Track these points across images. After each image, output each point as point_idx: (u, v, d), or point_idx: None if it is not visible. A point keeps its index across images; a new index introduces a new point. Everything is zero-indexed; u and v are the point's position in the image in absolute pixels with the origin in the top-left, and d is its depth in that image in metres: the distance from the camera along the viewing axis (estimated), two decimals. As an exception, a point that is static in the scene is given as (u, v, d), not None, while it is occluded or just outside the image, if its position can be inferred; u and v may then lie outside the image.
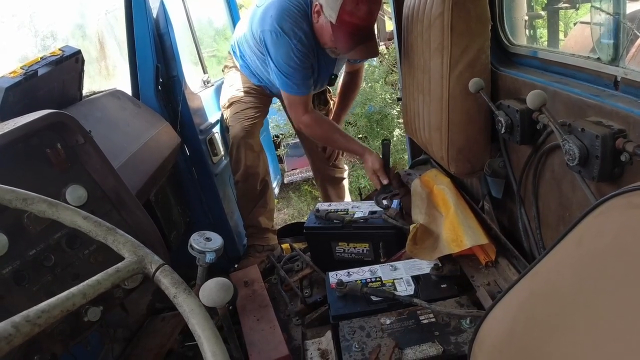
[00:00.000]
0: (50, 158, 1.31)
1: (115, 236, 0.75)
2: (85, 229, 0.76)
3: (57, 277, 1.24)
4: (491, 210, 1.81)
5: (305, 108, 2.32)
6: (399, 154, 4.54)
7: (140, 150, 1.87)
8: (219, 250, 1.47)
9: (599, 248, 0.69)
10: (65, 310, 0.63)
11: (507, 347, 0.83)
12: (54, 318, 0.62)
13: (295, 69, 2.16)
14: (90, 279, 0.66)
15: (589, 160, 1.09)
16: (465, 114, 1.62)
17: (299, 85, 2.24)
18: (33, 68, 1.59)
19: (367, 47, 2.07)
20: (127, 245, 0.74)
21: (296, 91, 2.26)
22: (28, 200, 0.76)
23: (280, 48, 2.13)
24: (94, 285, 0.65)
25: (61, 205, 0.78)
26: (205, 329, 0.63)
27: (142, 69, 2.28)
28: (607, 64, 1.18)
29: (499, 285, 1.58)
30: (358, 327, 1.47)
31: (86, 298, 0.64)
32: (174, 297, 0.68)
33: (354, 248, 2.12)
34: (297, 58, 2.14)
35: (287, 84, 2.23)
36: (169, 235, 2.15)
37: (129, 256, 0.72)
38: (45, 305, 0.61)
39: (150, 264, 0.72)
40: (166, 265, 0.72)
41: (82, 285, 0.65)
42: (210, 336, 0.62)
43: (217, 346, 0.62)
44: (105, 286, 0.66)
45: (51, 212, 0.77)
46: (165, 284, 0.70)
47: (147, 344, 1.88)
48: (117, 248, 0.74)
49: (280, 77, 2.21)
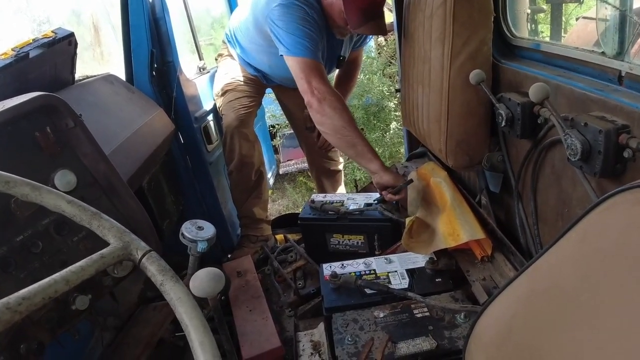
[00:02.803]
0: (39, 142, 1.28)
1: (100, 221, 0.72)
2: (69, 214, 0.73)
3: (45, 264, 1.21)
4: (488, 205, 1.80)
5: (325, 76, 2.02)
6: (396, 147, 4.52)
7: (133, 136, 1.84)
8: (211, 239, 1.44)
9: (603, 245, 0.68)
10: (47, 297, 0.60)
11: (505, 343, 0.81)
12: (35, 305, 0.59)
13: (309, 30, 2.00)
14: (73, 265, 0.63)
15: (591, 155, 1.07)
16: (466, 106, 1.59)
17: (314, 47, 2.00)
18: (24, 50, 1.55)
19: (377, 24, 2.03)
20: (113, 230, 0.71)
21: (312, 53, 1.98)
22: (10, 183, 0.73)
23: (293, 14, 1.99)
24: (77, 272, 0.62)
25: (44, 188, 0.75)
26: (192, 318, 0.61)
27: (137, 54, 2.24)
28: (612, 59, 1.16)
29: (494, 281, 1.57)
30: (351, 319, 1.45)
31: (69, 285, 0.62)
32: (161, 285, 0.65)
33: (349, 240, 2.10)
34: (309, 24, 2.01)
35: (301, 45, 1.97)
36: (161, 224, 2.13)
37: (114, 242, 0.69)
38: (26, 292, 0.59)
39: (137, 250, 0.69)
40: (153, 252, 0.69)
41: (64, 271, 0.62)
42: (197, 325, 0.60)
43: (204, 335, 0.59)
44: (89, 272, 0.64)
45: (34, 195, 0.74)
46: (151, 270, 0.67)
47: (138, 333, 1.85)
48: (102, 233, 0.71)
49: (292, 39, 1.98)
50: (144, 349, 1.76)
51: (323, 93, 1.94)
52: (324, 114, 1.96)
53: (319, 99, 1.94)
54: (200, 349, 0.58)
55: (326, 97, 1.94)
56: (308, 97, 1.98)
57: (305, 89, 1.98)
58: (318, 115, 1.98)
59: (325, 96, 1.94)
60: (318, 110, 1.97)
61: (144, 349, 1.77)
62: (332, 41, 2.28)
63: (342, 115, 1.95)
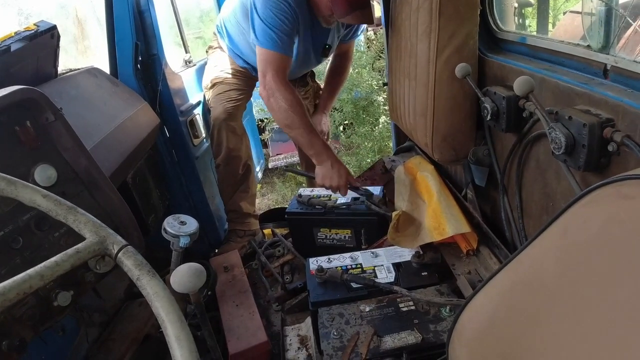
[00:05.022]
0: (19, 136, 1.25)
1: (76, 215, 0.71)
2: (45, 208, 0.72)
3: (26, 260, 1.19)
4: (474, 199, 1.80)
5: (284, 72, 2.05)
6: (385, 141, 4.52)
7: (116, 130, 1.81)
8: (194, 234, 1.43)
9: (585, 238, 0.68)
10: (22, 292, 0.59)
11: (487, 336, 0.81)
12: (10, 301, 0.58)
13: (282, 21, 1.98)
14: (48, 260, 0.62)
15: (576, 149, 1.08)
16: (451, 100, 1.59)
17: (282, 40, 1.99)
18: (6, 43, 1.52)
19: (363, 13, 2.01)
20: (89, 225, 0.70)
21: (279, 47, 2.00)
22: None
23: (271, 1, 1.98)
24: (51, 267, 0.61)
25: (19, 182, 0.73)
26: (169, 312, 0.60)
27: (121, 47, 2.20)
28: (597, 52, 1.16)
29: (479, 274, 1.57)
30: (337, 314, 1.45)
31: (44, 280, 0.61)
32: (137, 280, 0.64)
33: (336, 234, 2.10)
34: (285, 12, 1.99)
35: (269, 36, 1.98)
36: (147, 219, 2.10)
37: (90, 236, 0.68)
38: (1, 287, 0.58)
39: (113, 244, 0.68)
40: (129, 247, 0.68)
41: (39, 266, 0.61)
42: (174, 320, 0.59)
43: (181, 330, 0.58)
44: (64, 268, 0.62)
45: (9, 190, 0.72)
46: (127, 265, 0.66)
47: (124, 329, 1.84)
48: (78, 228, 0.70)
49: (263, 29, 1.98)
50: (130, 345, 1.75)
51: (272, 89, 2.01)
52: (271, 108, 2.06)
53: (268, 94, 2.02)
54: (176, 343, 0.57)
55: (274, 93, 2.00)
56: (260, 89, 2.07)
57: (261, 80, 2.05)
58: (268, 107, 2.09)
59: (274, 92, 2.00)
60: (266, 104, 2.07)
61: (130, 344, 1.76)
62: (318, 29, 2.25)
63: (287, 116, 2.02)
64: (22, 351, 1.14)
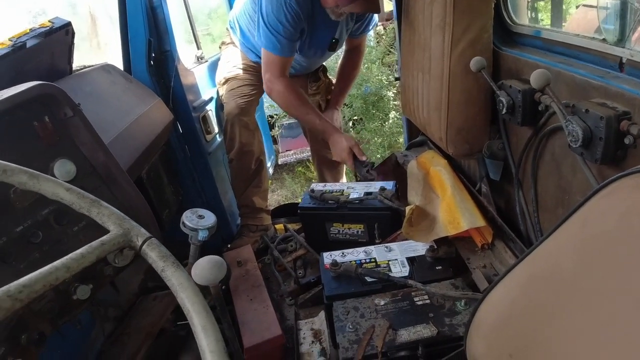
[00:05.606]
0: (38, 131, 1.27)
1: (100, 208, 0.72)
2: (68, 201, 0.72)
3: (45, 254, 1.20)
4: (489, 193, 1.80)
5: (283, 71, 2.27)
6: (395, 136, 4.51)
7: (131, 126, 1.83)
8: (212, 228, 1.44)
9: (604, 230, 0.67)
10: (48, 284, 0.60)
11: (506, 329, 0.81)
12: (36, 293, 0.59)
13: (284, 26, 2.10)
14: (73, 252, 0.63)
15: (592, 142, 1.07)
16: (466, 94, 1.58)
17: (282, 45, 2.17)
18: (21, 40, 1.54)
19: (368, 1, 2.03)
20: (112, 217, 0.70)
21: (279, 50, 2.19)
22: (8, 171, 0.73)
23: (273, 1, 2.08)
24: (77, 259, 0.62)
25: (42, 176, 0.74)
26: (194, 303, 0.60)
27: (134, 43, 2.22)
28: (613, 45, 1.15)
29: (495, 268, 1.57)
30: (352, 307, 1.45)
31: (70, 272, 0.61)
32: (162, 271, 0.65)
33: (349, 229, 2.10)
34: (288, 14, 2.08)
35: (271, 41, 2.16)
36: (161, 214, 2.12)
37: (114, 229, 0.69)
38: (27, 279, 0.58)
39: (137, 236, 0.69)
40: (153, 238, 0.69)
41: (65, 258, 0.61)
42: (200, 310, 0.60)
43: (207, 320, 0.59)
44: (89, 260, 0.63)
45: (32, 183, 0.73)
46: (152, 257, 0.67)
47: (139, 323, 1.86)
48: (102, 221, 0.71)
49: (266, 33, 2.14)
50: (145, 339, 1.77)
51: (270, 87, 2.31)
52: (274, 98, 2.37)
53: (269, 90, 2.33)
54: (202, 333, 0.58)
55: (273, 89, 2.30)
56: (267, 88, 2.34)
57: (266, 78, 2.31)
58: (272, 99, 2.40)
59: (273, 88, 2.30)
60: (270, 96, 2.38)
61: (145, 338, 1.77)
62: (325, 23, 2.25)
63: (287, 103, 2.36)
64: (41, 345, 1.15)
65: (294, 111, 2.42)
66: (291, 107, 2.38)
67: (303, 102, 2.36)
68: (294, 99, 2.33)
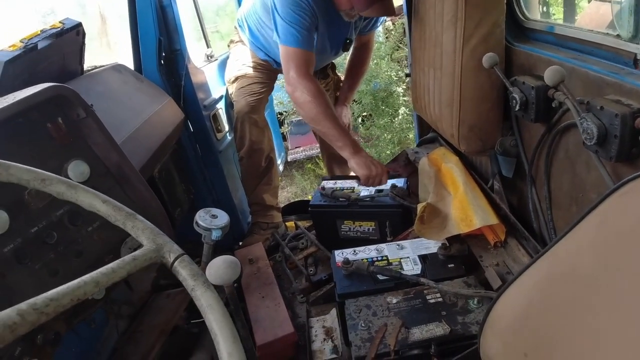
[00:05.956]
0: (51, 132, 1.28)
1: (135, 222, 0.72)
2: (104, 214, 0.73)
3: (59, 255, 1.21)
4: (501, 190, 1.78)
5: (307, 67, 2.05)
6: (405, 132, 4.48)
7: (143, 126, 1.84)
8: (225, 227, 1.45)
9: (623, 229, 0.67)
10: (75, 298, 0.59)
11: (522, 328, 0.81)
12: (63, 307, 0.58)
13: (300, 16, 2.00)
14: (105, 267, 0.62)
15: (607, 139, 1.06)
16: (478, 90, 1.57)
17: (303, 36, 2.01)
18: (33, 41, 1.55)
19: (384, 5, 2.01)
20: (146, 232, 0.70)
21: (299, 42, 2.02)
22: (47, 181, 0.73)
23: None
24: (107, 274, 0.61)
25: (80, 187, 0.74)
26: (222, 327, 0.59)
27: (144, 43, 2.23)
28: (627, 41, 1.13)
29: (507, 266, 1.56)
30: (364, 305, 1.46)
31: (99, 286, 0.61)
32: (192, 290, 0.64)
33: (360, 227, 2.10)
34: (303, 9, 2.01)
35: (290, 33, 2.01)
36: (173, 213, 2.14)
37: (148, 244, 0.68)
38: (54, 293, 0.58)
39: (169, 253, 0.68)
40: (185, 256, 0.68)
41: (95, 273, 0.61)
42: (227, 335, 0.59)
43: (234, 347, 0.58)
44: (120, 275, 0.63)
45: (70, 194, 0.73)
46: (183, 275, 0.66)
47: (152, 321, 1.88)
48: (136, 235, 0.70)
49: (283, 26, 2.01)
50: (158, 337, 1.78)
51: (295, 84, 2.03)
52: (296, 102, 2.09)
53: (292, 89, 2.05)
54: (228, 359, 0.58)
55: (298, 87, 2.03)
56: (286, 85, 2.10)
57: (285, 78, 2.10)
58: (293, 102, 2.13)
59: (297, 87, 2.03)
60: (292, 99, 2.10)
61: (158, 336, 1.79)
62: (339, 23, 2.24)
63: (311, 108, 2.03)
64: (56, 344, 1.16)
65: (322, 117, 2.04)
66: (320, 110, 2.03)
67: (328, 109, 2.05)
68: (323, 101, 2.04)
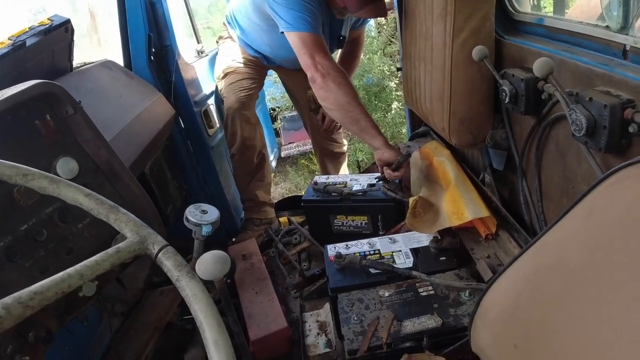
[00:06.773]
0: (40, 129, 1.27)
1: (118, 215, 0.72)
2: (87, 207, 0.73)
3: (50, 252, 1.21)
4: (492, 183, 1.79)
5: (327, 51, 1.94)
6: (397, 127, 4.49)
7: (133, 122, 1.83)
8: (216, 222, 1.44)
9: (611, 219, 0.67)
10: (60, 291, 0.59)
11: (511, 319, 0.81)
12: (48, 300, 0.58)
13: (310, 5, 1.93)
14: (88, 260, 0.62)
15: (596, 130, 1.06)
16: (469, 83, 1.57)
17: (313, 19, 1.92)
18: (21, 38, 1.54)
19: (376, 6, 2.00)
20: (130, 224, 0.70)
21: (310, 25, 1.91)
22: (29, 176, 0.73)
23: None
24: (91, 266, 0.62)
25: (63, 182, 0.74)
26: (207, 316, 0.60)
27: (134, 39, 2.22)
28: (616, 33, 1.14)
29: (499, 258, 1.57)
30: (357, 299, 1.46)
31: (83, 279, 0.61)
32: (177, 281, 0.65)
33: (352, 221, 2.10)
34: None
35: (304, 19, 1.90)
36: (165, 209, 2.13)
37: (131, 236, 0.69)
38: (39, 286, 0.58)
39: (153, 244, 0.69)
40: (169, 247, 0.69)
41: (79, 266, 0.61)
42: (212, 323, 0.59)
43: (219, 334, 0.59)
44: (104, 267, 0.63)
45: (52, 188, 0.74)
46: (167, 266, 0.67)
47: (145, 318, 1.87)
48: (119, 227, 0.71)
49: (295, 15, 1.90)
50: (152, 334, 1.78)
51: (327, 68, 1.89)
52: (327, 89, 1.91)
53: (323, 74, 1.89)
54: (214, 348, 0.57)
55: (330, 72, 1.89)
56: (311, 73, 1.92)
57: (309, 64, 1.92)
58: (322, 90, 1.92)
59: (329, 71, 1.89)
60: (322, 86, 1.91)
61: (152, 333, 1.78)
62: (332, 21, 2.25)
63: (346, 91, 1.90)
64: (48, 342, 1.16)
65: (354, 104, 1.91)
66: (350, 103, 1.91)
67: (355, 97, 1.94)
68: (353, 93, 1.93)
